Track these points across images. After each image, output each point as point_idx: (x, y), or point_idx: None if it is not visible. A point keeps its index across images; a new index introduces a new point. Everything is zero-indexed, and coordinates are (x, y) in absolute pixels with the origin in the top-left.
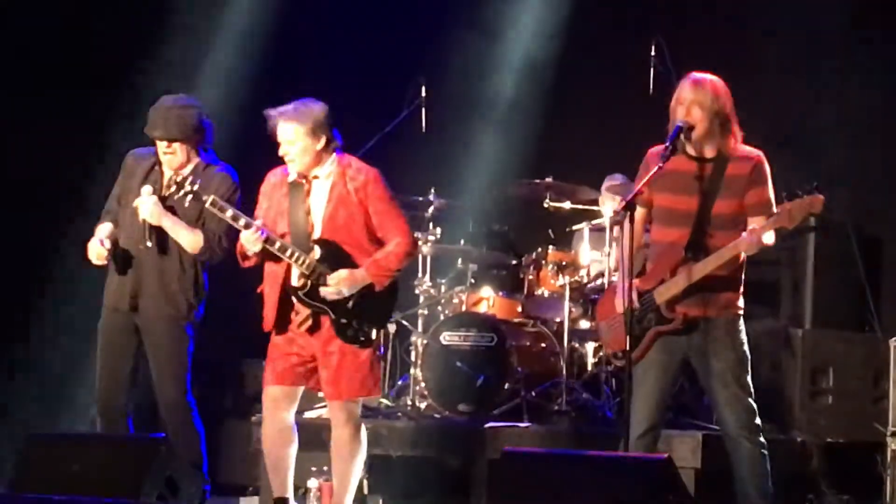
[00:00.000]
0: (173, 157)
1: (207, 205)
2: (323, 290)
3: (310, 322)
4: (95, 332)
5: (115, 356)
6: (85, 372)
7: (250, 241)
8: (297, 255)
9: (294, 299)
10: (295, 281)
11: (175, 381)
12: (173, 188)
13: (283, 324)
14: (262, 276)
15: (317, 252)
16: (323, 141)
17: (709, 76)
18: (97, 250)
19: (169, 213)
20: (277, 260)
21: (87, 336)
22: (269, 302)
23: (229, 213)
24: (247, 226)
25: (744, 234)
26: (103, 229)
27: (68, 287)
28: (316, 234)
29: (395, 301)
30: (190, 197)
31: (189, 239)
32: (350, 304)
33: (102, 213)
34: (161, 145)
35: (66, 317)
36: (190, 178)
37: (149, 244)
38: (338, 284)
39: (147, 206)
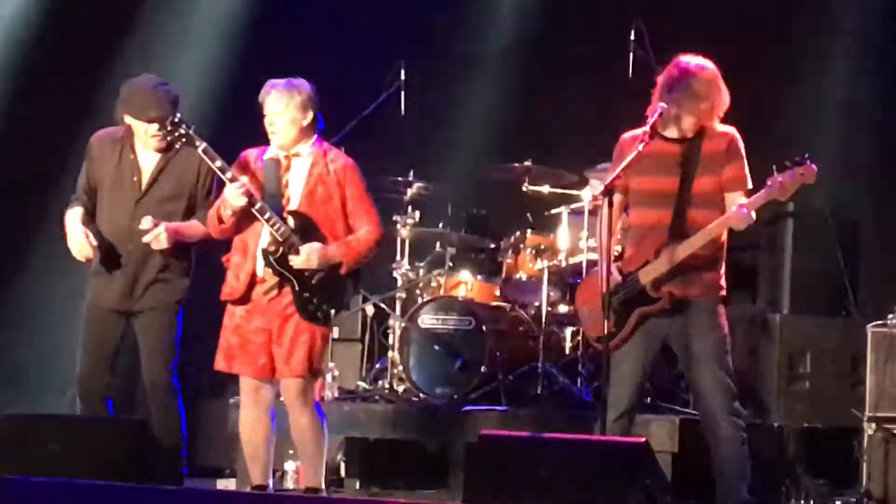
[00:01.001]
0: (160, 140)
1: (200, 150)
2: (293, 259)
3: (275, 292)
4: (67, 313)
5: (99, 338)
6: (58, 354)
7: (234, 195)
8: (274, 219)
9: (263, 262)
10: (266, 245)
11: (163, 364)
12: (168, 128)
13: (246, 295)
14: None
15: (291, 222)
16: (309, 118)
17: (691, 58)
18: (83, 248)
19: (170, 228)
20: (250, 229)
21: (62, 317)
22: (238, 270)
23: (218, 163)
24: (233, 179)
25: (733, 208)
26: (74, 215)
27: (43, 267)
28: (292, 207)
29: (356, 286)
30: (183, 140)
31: (198, 234)
32: (314, 279)
33: (71, 199)
34: (149, 128)
35: (40, 300)
36: (186, 122)
37: (141, 227)
38: (310, 254)
39: (159, 242)
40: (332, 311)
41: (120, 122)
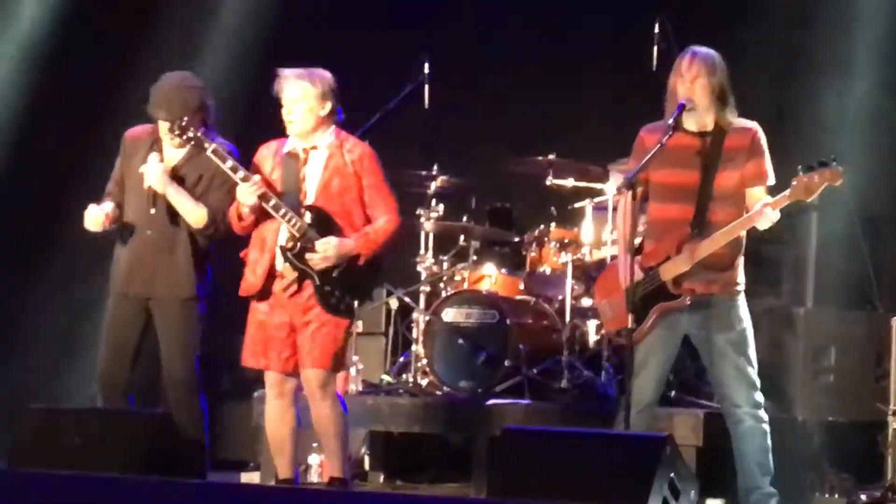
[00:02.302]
0: (176, 138)
1: (209, 152)
2: (310, 255)
3: (295, 287)
4: (91, 307)
5: (121, 333)
6: (82, 348)
7: (246, 194)
8: (290, 215)
9: (282, 259)
10: (283, 241)
11: (184, 360)
12: (176, 132)
13: (266, 290)
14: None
15: (307, 217)
16: (328, 108)
17: (707, 50)
18: (95, 216)
19: (175, 183)
20: (268, 224)
21: (84, 312)
22: (255, 265)
23: (229, 163)
24: (245, 178)
25: (757, 207)
26: (105, 207)
27: (68, 262)
28: (308, 202)
29: (378, 277)
30: (193, 143)
31: (193, 211)
32: (334, 272)
33: (104, 195)
34: (163, 125)
35: (65, 293)
36: (193, 125)
37: (152, 211)
38: (326, 250)
39: (153, 173)
40: (355, 303)
41: (150, 119)
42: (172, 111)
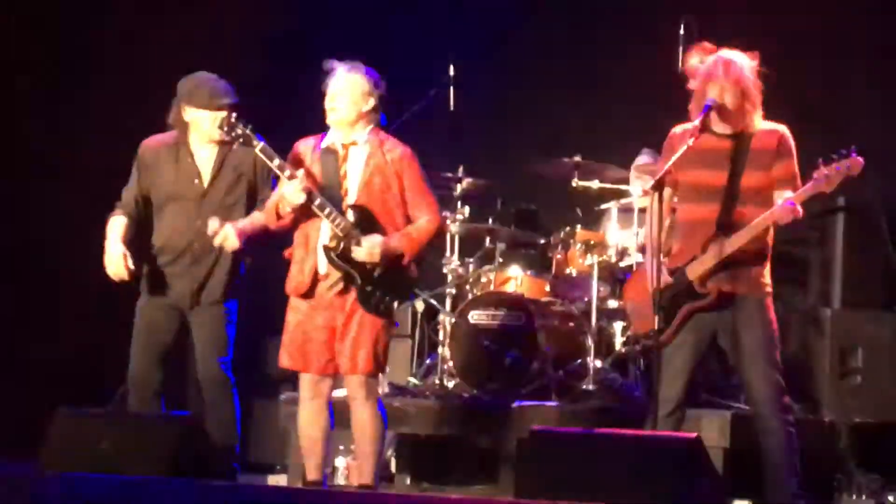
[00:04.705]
0: (213, 125)
1: (257, 150)
2: (355, 250)
3: (339, 286)
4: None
5: (154, 337)
6: (110, 350)
7: (294, 193)
8: (334, 214)
9: (325, 258)
10: (327, 241)
11: (217, 359)
12: (224, 129)
13: (311, 289)
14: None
15: (351, 215)
16: (370, 104)
17: (736, 52)
18: (118, 269)
19: (239, 224)
20: (310, 222)
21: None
22: (301, 265)
23: (276, 161)
24: (291, 176)
25: (779, 202)
26: (117, 226)
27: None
28: (350, 200)
29: (417, 277)
30: (241, 140)
31: (260, 225)
32: (377, 272)
33: (116, 205)
34: (216, 116)
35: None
36: (242, 121)
37: (198, 222)
38: (372, 247)
39: (229, 239)
40: (395, 304)
41: (175, 122)
42: (217, 97)
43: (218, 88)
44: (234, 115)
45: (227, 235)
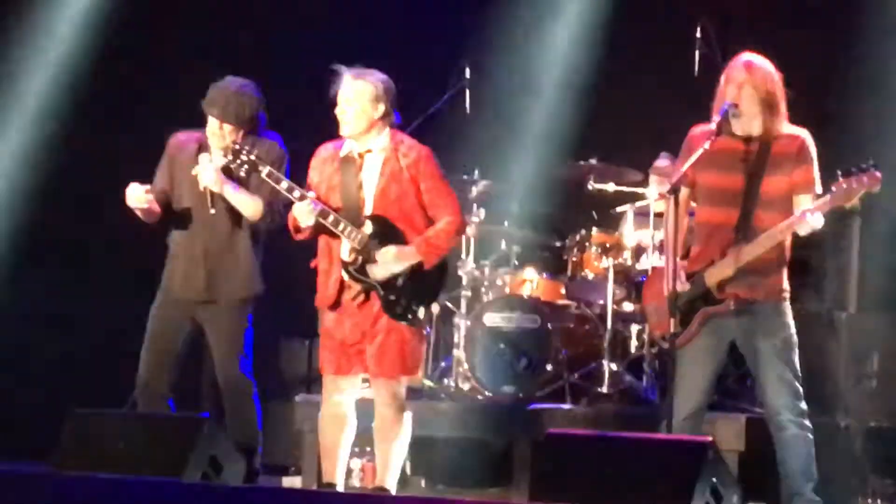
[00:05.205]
0: (220, 139)
1: (264, 175)
2: (371, 267)
3: (362, 297)
4: (138, 311)
5: (165, 339)
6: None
7: (304, 213)
8: (349, 229)
9: (344, 274)
10: (345, 255)
11: (238, 361)
12: (229, 157)
13: (336, 300)
14: (300, 254)
15: (368, 227)
16: (381, 111)
17: (759, 57)
18: (137, 192)
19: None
20: (331, 234)
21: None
22: (326, 277)
23: (284, 184)
24: (301, 197)
25: (797, 213)
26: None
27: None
28: (367, 210)
29: (444, 280)
30: (246, 167)
31: (250, 205)
32: (399, 281)
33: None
34: (213, 123)
35: (106, 294)
36: (247, 148)
37: (213, 211)
38: (386, 261)
39: (207, 173)
40: (422, 309)
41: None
42: (227, 113)
43: (219, 97)
44: (237, 143)
45: (205, 170)
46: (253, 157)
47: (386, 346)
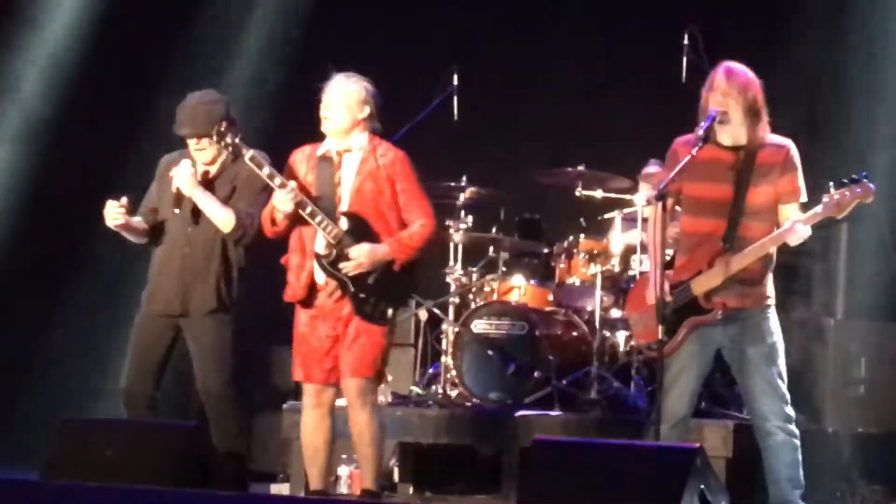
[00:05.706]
0: (204, 153)
1: (247, 159)
2: (343, 263)
3: (337, 294)
4: (122, 323)
5: (147, 350)
6: (112, 361)
7: (283, 201)
8: (325, 222)
9: (318, 267)
10: (320, 249)
11: (218, 374)
12: (215, 137)
13: (308, 300)
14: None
15: (343, 223)
16: (366, 113)
17: (741, 66)
18: (110, 210)
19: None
20: (306, 228)
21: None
22: (299, 271)
23: (266, 170)
24: (282, 185)
25: (787, 224)
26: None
27: (94, 277)
28: (343, 206)
29: (414, 284)
30: (231, 148)
31: (221, 215)
32: (370, 279)
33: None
34: (191, 143)
35: (92, 305)
36: (232, 131)
37: (176, 211)
38: (359, 257)
39: (182, 175)
40: (390, 310)
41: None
42: (197, 126)
43: (186, 116)
44: (223, 125)
45: (180, 172)
46: (237, 141)
47: (356, 346)
